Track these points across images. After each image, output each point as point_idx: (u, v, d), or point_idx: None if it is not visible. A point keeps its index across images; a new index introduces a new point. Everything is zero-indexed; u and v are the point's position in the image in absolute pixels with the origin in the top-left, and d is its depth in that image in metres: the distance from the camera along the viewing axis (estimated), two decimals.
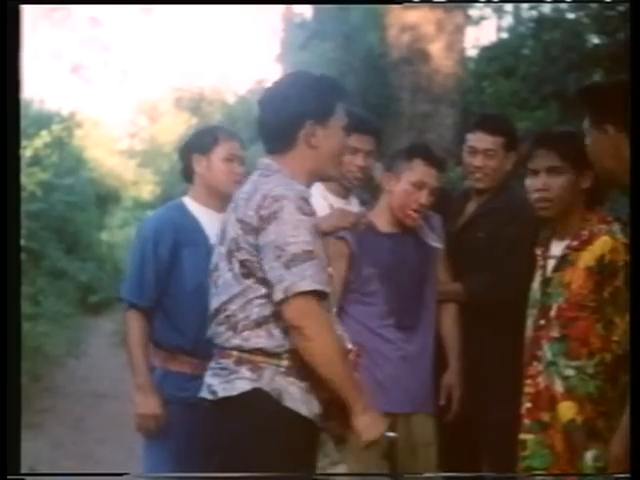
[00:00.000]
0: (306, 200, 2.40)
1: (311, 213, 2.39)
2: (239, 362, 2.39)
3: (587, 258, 2.75)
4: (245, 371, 2.38)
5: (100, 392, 7.95)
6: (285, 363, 2.38)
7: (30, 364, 7.53)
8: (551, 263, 2.86)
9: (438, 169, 3.29)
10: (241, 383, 2.37)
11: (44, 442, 6.24)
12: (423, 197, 3.24)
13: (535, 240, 3.01)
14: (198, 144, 3.32)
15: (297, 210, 2.35)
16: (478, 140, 3.47)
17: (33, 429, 6.28)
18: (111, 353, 10.10)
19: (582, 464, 2.71)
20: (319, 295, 2.34)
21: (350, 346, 2.53)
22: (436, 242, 3.33)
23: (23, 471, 2.57)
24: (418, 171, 3.24)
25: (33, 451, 5.31)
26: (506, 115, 4.32)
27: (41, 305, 10.05)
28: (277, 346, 2.39)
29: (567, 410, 2.74)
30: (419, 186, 3.24)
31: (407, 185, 3.23)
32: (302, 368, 2.38)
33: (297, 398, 2.38)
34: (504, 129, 3.51)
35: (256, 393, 2.36)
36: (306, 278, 2.31)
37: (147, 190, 21.61)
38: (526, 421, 2.83)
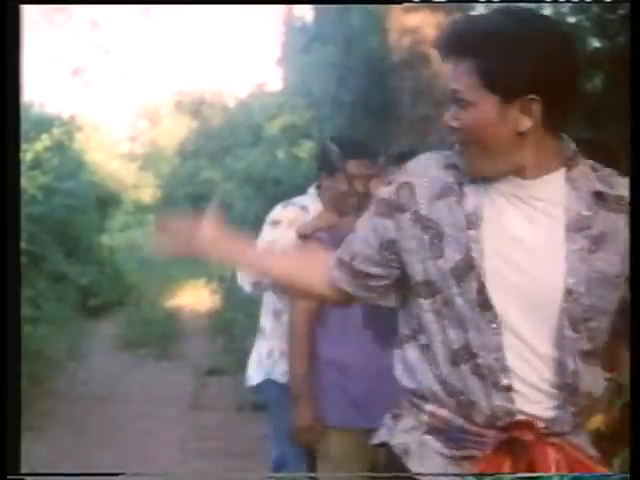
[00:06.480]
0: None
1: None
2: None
3: None
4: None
5: (100, 395, 7.94)
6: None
7: (30, 367, 7.51)
8: None
9: None
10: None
11: (44, 445, 6.23)
12: None
13: None
14: None
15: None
16: None
17: (33, 432, 6.27)
18: (111, 356, 10.11)
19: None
20: None
21: None
22: None
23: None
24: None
25: (33, 454, 5.30)
26: None
27: (41, 308, 10.03)
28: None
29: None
30: None
31: None
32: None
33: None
34: None
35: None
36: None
37: (148, 193, 21.62)
38: None
